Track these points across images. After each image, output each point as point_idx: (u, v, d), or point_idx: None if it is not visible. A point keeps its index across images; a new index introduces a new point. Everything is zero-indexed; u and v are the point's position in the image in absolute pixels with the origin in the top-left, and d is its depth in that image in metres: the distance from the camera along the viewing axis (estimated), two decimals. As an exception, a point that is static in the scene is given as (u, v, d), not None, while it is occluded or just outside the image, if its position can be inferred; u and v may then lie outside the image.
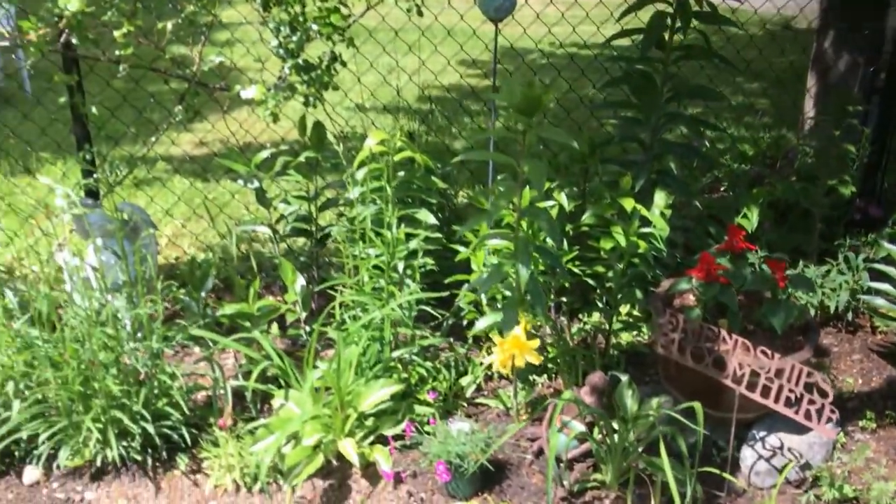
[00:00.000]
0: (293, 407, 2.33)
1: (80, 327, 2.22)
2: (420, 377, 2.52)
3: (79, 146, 2.96)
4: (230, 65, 2.96)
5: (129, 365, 2.28)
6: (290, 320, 2.62)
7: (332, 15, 2.49)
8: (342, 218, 3.09)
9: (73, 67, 2.84)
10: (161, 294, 2.37)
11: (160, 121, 3.37)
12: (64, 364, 2.20)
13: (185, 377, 2.48)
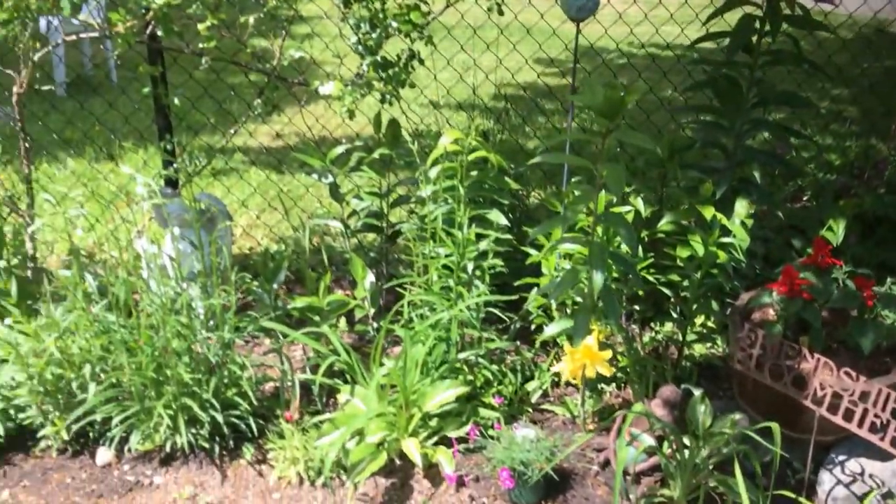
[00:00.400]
0: (359, 403, 2.33)
1: (156, 315, 2.27)
2: (485, 380, 2.49)
3: (160, 136, 3.03)
4: (309, 59, 2.99)
5: (201, 354, 2.32)
6: (358, 316, 2.62)
7: (412, 12, 2.48)
8: (413, 215, 3.09)
9: (158, 59, 2.90)
10: (234, 285, 2.40)
11: (238, 113, 3.42)
12: (139, 350, 2.24)
13: (255, 368, 2.50)
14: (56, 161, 4.20)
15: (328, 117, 3.97)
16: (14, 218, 3.01)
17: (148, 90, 2.93)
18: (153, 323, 2.26)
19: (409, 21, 2.50)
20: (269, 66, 2.95)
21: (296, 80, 2.98)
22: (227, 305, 2.35)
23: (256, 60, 2.95)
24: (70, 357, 2.27)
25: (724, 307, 2.75)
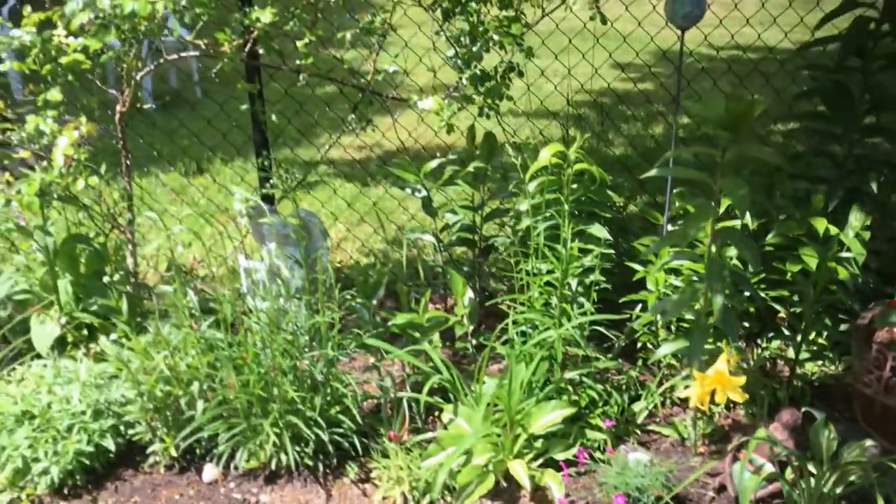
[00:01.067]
0: (463, 423, 2.29)
1: (262, 332, 2.27)
2: (590, 400, 2.42)
3: (257, 152, 3.05)
4: (402, 73, 2.97)
5: (306, 371, 2.31)
6: (458, 333, 2.58)
7: (512, 25, 2.44)
8: (506, 229, 3.05)
9: (256, 76, 2.93)
10: (337, 302, 2.39)
11: (329, 127, 3.42)
12: (246, 367, 2.25)
13: (357, 385, 2.49)
14: (148, 175, 4.29)
15: (421, 131, 3.93)
16: (115, 234, 3.07)
17: (246, 107, 2.96)
18: (260, 340, 2.26)
19: (509, 33, 2.46)
20: (364, 81, 2.95)
21: (391, 95, 2.97)
22: (331, 323, 2.34)
23: (351, 75, 2.95)
24: (179, 374, 2.29)
25: (837, 324, 2.63)
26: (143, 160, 4.42)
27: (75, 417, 2.28)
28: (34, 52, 2.62)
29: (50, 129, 2.59)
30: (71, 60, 2.64)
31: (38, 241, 2.70)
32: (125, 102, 2.91)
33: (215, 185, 4.06)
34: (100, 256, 2.88)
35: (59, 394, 2.34)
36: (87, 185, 2.56)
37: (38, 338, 2.64)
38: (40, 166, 2.79)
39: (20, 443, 2.22)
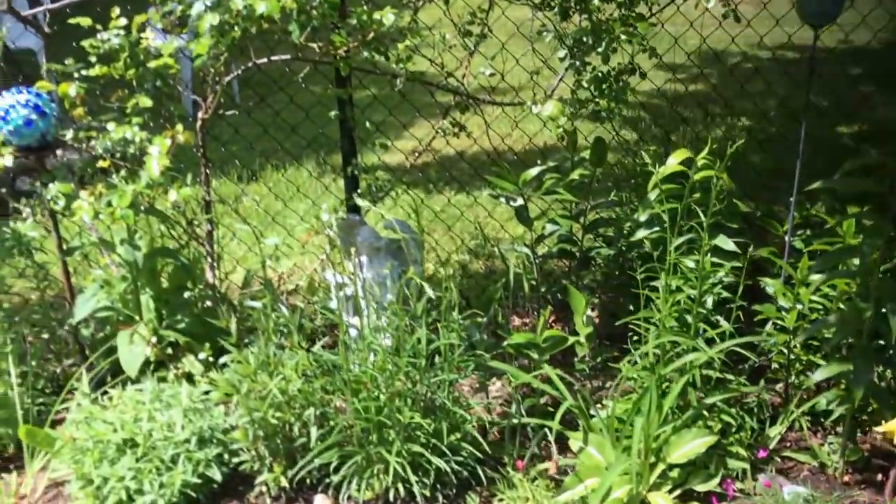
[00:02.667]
0: (594, 452, 2.14)
1: (382, 354, 2.12)
2: (724, 425, 2.26)
3: (345, 160, 2.91)
4: (499, 76, 2.82)
5: (425, 395, 2.16)
6: (579, 354, 2.43)
7: (639, 24, 2.29)
8: (598, 239, 2.89)
9: (347, 81, 2.78)
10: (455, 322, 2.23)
11: (417, 131, 3.26)
12: (364, 392, 2.10)
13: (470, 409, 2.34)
14: (224, 179, 4.13)
15: (509, 135, 3.75)
16: (194, 246, 2.93)
17: (335, 113, 2.82)
18: (381, 362, 2.11)
19: (634, 32, 2.31)
20: (459, 85, 2.80)
21: (487, 100, 2.83)
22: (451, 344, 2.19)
23: (445, 79, 2.80)
24: (292, 399, 2.15)
25: None
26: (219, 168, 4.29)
27: (179, 446, 2.13)
28: (123, 56, 2.49)
29: (138, 138, 2.46)
30: (160, 65, 2.50)
31: (125, 255, 2.55)
32: (208, 108, 2.77)
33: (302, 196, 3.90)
34: (184, 271, 2.74)
35: (160, 420, 2.19)
36: (179, 197, 2.42)
37: (127, 359, 2.49)
38: (121, 176, 2.66)
39: (123, 473, 2.08)
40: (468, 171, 4.33)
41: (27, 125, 2.31)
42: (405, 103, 3.10)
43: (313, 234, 2.89)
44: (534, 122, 4.48)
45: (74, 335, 2.69)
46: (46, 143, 2.39)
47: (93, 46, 2.46)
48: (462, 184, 3.80)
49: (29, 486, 2.31)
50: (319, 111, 2.98)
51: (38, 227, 2.65)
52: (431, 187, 4.20)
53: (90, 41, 2.46)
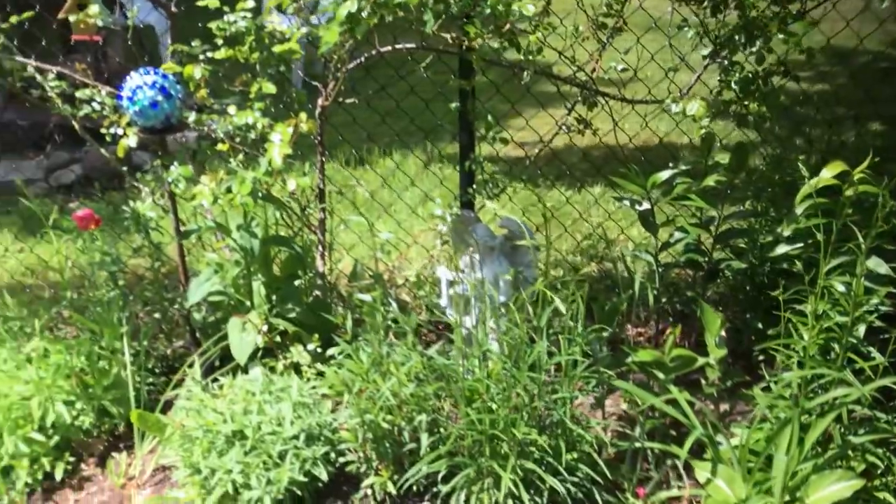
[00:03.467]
0: (722, 485, 1.98)
1: (499, 363, 2.02)
2: (869, 466, 2.06)
3: (462, 154, 2.80)
4: (632, 72, 2.66)
5: (544, 410, 2.05)
6: (710, 377, 2.26)
7: (797, 24, 2.09)
8: (725, 250, 2.70)
9: (471, 72, 2.67)
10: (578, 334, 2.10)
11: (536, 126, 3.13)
12: (479, 402, 2.00)
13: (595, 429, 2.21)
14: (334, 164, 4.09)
15: (637, 135, 3.58)
16: (305, 234, 2.89)
17: (456, 105, 2.71)
18: (502, 372, 2.00)
19: (790, 31, 2.11)
20: (586, 80, 2.65)
21: (616, 95, 2.67)
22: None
23: (574, 72, 2.66)
24: (404, 402, 2.07)
25: None
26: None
27: (288, 442, 2.09)
28: (248, 40, 2.45)
29: (260, 123, 2.42)
30: (284, 50, 2.45)
31: (243, 241, 2.53)
32: (329, 96, 2.71)
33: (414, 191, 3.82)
34: (298, 259, 2.70)
35: (269, 412, 2.16)
36: (298, 186, 2.37)
37: (238, 346, 2.47)
38: (238, 161, 2.63)
39: (231, 466, 2.04)
40: (579, 167, 4.17)
41: (153, 107, 2.30)
42: (527, 96, 2.96)
43: (427, 229, 2.80)
44: (665, 122, 4.27)
45: (186, 318, 2.70)
46: (170, 124, 2.37)
47: (220, 29, 2.43)
48: (578, 181, 3.64)
49: (138, 467, 2.32)
50: (429, 103, 2.90)
51: (155, 207, 2.67)
52: (542, 183, 4.07)
53: (217, 23, 2.43)
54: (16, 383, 2.33)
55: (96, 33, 2.72)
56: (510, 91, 3.05)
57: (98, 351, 2.44)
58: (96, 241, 2.65)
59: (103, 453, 2.41)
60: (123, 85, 2.32)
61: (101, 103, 2.58)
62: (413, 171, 4.23)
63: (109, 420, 2.43)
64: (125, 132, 2.35)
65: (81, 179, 4.60)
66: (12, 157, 4.76)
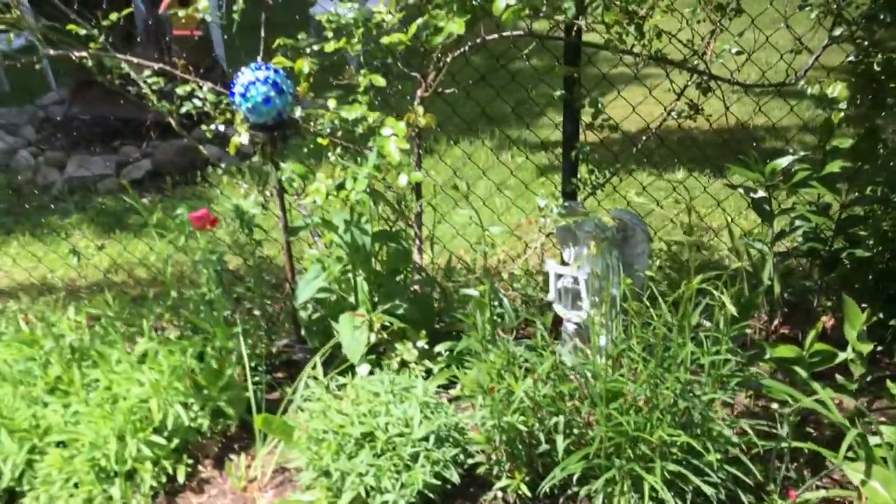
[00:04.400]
0: (878, 487, 1.90)
1: (640, 363, 1.95)
2: None
3: (566, 143, 2.73)
4: (745, 55, 2.56)
5: (684, 409, 1.98)
6: (855, 373, 2.17)
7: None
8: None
9: (577, 58, 2.59)
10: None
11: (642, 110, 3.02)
12: (622, 402, 1.94)
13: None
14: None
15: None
16: (401, 226, 2.84)
17: (561, 93, 2.64)
18: (645, 372, 1.94)
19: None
20: (699, 64, 2.56)
21: (733, 80, 2.57)
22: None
23: (685, 57, 2.57)
24: (539, 404, 2.01)
25: None
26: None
27: (417, 444, 2.04)
28: (358, 32, 2.39)
29: (371, 117, 2.36)
30: (392, 41, 2.39)
31: (355, 237, 2.48)
32: (429, 86, 2.64)
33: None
34: (401, 254, 2.65)
35: (395, 413, 2.11)
36: (411, 180, 2.32)
37: (350, 344, 2.43)
38: (337, 156, 2.58)
39: (363, 469, 2.00)
40: (658, 152, 4.07)
41: (266, 103, 2.25)
42: (633, 81, 2.88)
43: (532, 221, 2.73)
44: (780, 108, 4.13)
45: (292, 315, 2.66)
46: (281, 120, 2.32)
47: (329, 21, 2.37)
48: (658, 166, 3.54)
49: (258, 469, 2.29)
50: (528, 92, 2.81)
51: (255, 203, 2.63)
52: (643, 170, 3.95)
53: (327, 15, 2.37)
54: (132, 385, 2.31)
55: (196, 28, 2.68)
56: (614, 78, 2.94)
57: (210, 351, 2.41)
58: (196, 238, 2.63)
59: (218, 454, 2.39)
60: (235, 81, 2.27)
61: (202, 99, 2.54)
62: (511, 161, 4.15)
63: (223, 421, 2.41)
64: (236, 129, 2.30)
65: (152, 174, 4.59)
66: (80, 152, 4.76)
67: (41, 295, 3.40)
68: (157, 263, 3.52)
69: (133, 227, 4.00)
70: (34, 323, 2.80)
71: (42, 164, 4.65)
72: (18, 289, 3.45)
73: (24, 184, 4.54)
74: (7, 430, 2.21)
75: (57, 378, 2.39)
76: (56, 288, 3.46)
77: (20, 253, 3.72)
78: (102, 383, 2.34)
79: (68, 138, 4.96)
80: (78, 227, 4.04)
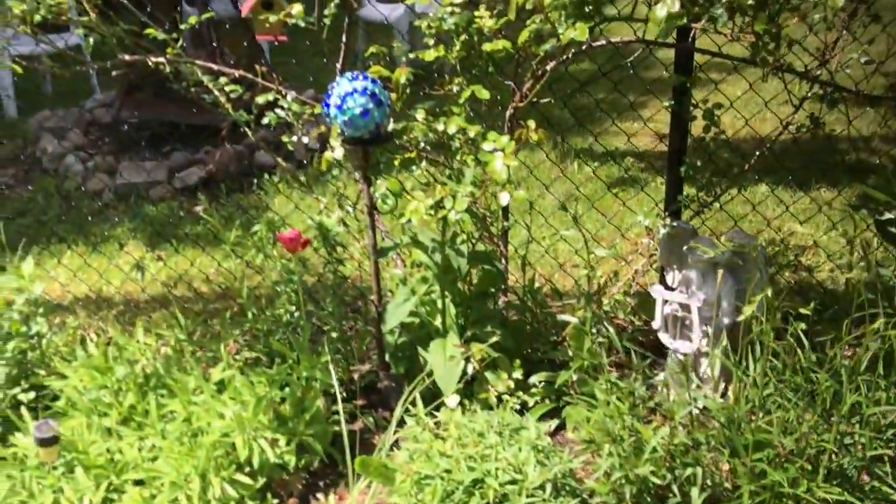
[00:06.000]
0: None
1: (784, 404, 1.75)
2: None
3: (672, 158, 2.53)
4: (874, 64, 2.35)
5: (834, 460, 1.78)
6: None
7: None
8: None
9: (689, 67, 2.40)
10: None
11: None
12: (770, 452, 1.74)
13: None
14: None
15: None
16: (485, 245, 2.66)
17: (670, 102, 2.44)
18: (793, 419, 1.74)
19: None
20: (821, 74, 2.36)
21: (860, 91, 2.37)
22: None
23: (806, 67, 2.37)
24: (670, 453, 1.82)
25: None
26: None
27: (534, 494, 1.86)
28: (461, 39, 2.21)
29: (473, 131, 2.18)
30: (496, 48, 2.21)
31: (449, 258, 2.30)
32: (524, 96, 2.46)
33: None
34: (494, 277, 2.47)
35: (503, 455, 1.93)
36: (514, 200, 2.14)
37: (444, 376, 2.25)
38: (422, 171, 2.41)
39: (475, 522, 1.82)
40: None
41: (363, 115, 2.07)
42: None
43: (636, 242, 2.54)
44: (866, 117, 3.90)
45: (378, 340, 2.49)
46: (378, 134, 2.15)
47: (429, 27, 2.20)
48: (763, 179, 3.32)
49: (351, 511, 2.12)
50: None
51: (337, 221, 2.46)
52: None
53: (427, 20, 2.20)
54: (212, 418, 2.15)
55: (281, 33, 2.52)
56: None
57: (295, 380, 2.24)
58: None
59: (303, 493, 2.22)
60: (330, 92, 2.10)
61: (286, 109, 2.37)
62: (578, 172, 3.95)
63: (307, 456, 2.24)
64: (329, 144, 2.13)
65: (205, 181, 4.43)
66: (129, 158, 4.62)
67: (99, 309, 3.26)
68: (218, 278, 3.36)
69: (190, 237, 3.85)
70: (93, 339, 2.66)
71: (92, 169, 4.51)
72: (74, 302, 3.30)
73: (73, 190, 4.41)
74: (82, 465, 2.05)
75: (130, 408, 2.23)
76: (113, 302, 3.32)
77: (74, 263, 3.57)
78: (180, 414, 2.18)
79: (117, 143, 4.82)
80: (132, 237, 3.89)
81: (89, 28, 2.17)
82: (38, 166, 4.75)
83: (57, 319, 3.06)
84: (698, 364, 2.46)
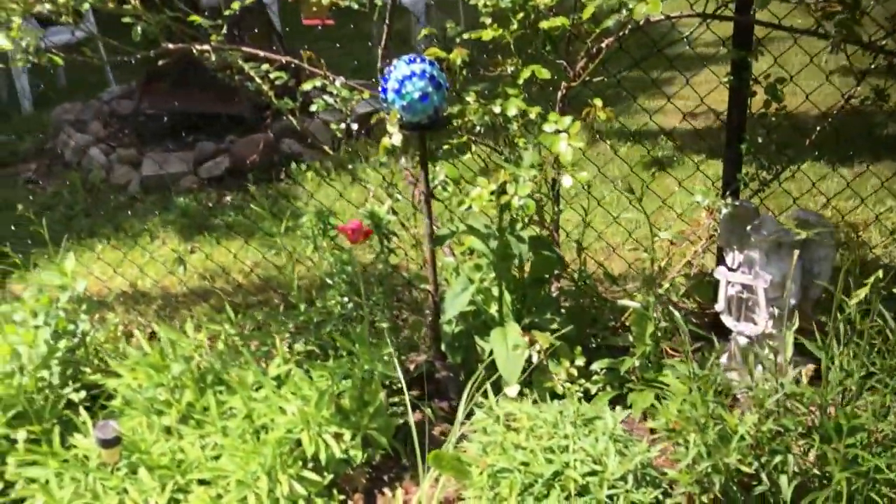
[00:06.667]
0: None
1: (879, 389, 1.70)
2: None
3: (730, 135, 2.46)
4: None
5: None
6: None
7: None
8: None
9: (749, 41, 2.32)
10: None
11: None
12: (860, 436, 1.69)
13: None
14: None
15: None
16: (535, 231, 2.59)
17: (728, 77, 2.37)
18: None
19: None
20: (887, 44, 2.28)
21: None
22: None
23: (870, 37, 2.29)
24: (758, 441, 1.77)
25: None
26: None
27: (616, 485, 1.81)
28: (518, 18, 2.14)
29: (532, 112, 2.12)
30: (553, 25, 2.14)
31: (508, 245, 2.24)
32: (576, 75, 2.39)
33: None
34: (551, 263, 2.41)
35: (580, 445, 1.88)
36: (576, 181, 2.07)
37: (507, 365, 2.20)
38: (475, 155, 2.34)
39: (556, 515, 1.78)
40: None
41: (422, 99, 2.00)
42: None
43: (698, 223, 2.47)
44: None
45: (433, 330, 2.43)
46: (436, 119, 2.08)
47: (485, 5, 2.12)
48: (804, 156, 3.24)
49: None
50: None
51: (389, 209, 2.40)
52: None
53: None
54: (274, 414, 2.10)
55: (328, 17, 2.45)
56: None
57: (356, 373, 2.19)
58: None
59: (368, 487, 2.17)
60: (387, 76, 2.03)
61: (335, 95, 2.30)
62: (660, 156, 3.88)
63: (370, 450, 2.19)
64: (388, 130, 2.06)
65: (231, 171, 4.37)
66: (152, 149, 4.56)
67: (136, 303, 3.21)
68: (257, 269, 3.31)
69: (220, 228, 3.79)
70: (134, 336, 2.61)
71: (115, 161, 4.45)
72: (110, 296, 3.25)
73: (98, 183, 4.35)
74: (145, 465, 2.00)
75: (188, 405, 2.19)
76: (151, 296, 3.27)
77: (108, 257, 3.52)
78: (240, 411, 2.13)
79: (137, 134, 4.76)
80: (163, 229, 3.83)
81: (136, 17, 2.10)
82: (61, 160, 4.69)
83: (96, 316, 3.01)
84: (761, 347, 2.40)
